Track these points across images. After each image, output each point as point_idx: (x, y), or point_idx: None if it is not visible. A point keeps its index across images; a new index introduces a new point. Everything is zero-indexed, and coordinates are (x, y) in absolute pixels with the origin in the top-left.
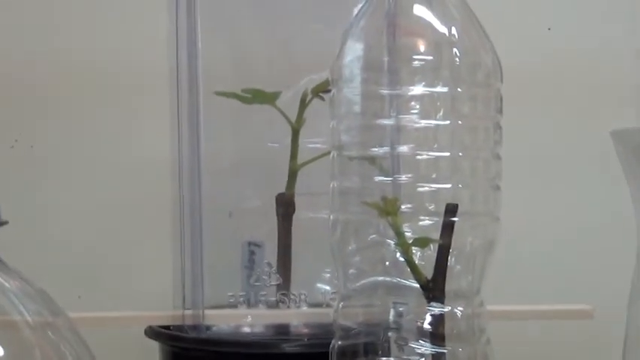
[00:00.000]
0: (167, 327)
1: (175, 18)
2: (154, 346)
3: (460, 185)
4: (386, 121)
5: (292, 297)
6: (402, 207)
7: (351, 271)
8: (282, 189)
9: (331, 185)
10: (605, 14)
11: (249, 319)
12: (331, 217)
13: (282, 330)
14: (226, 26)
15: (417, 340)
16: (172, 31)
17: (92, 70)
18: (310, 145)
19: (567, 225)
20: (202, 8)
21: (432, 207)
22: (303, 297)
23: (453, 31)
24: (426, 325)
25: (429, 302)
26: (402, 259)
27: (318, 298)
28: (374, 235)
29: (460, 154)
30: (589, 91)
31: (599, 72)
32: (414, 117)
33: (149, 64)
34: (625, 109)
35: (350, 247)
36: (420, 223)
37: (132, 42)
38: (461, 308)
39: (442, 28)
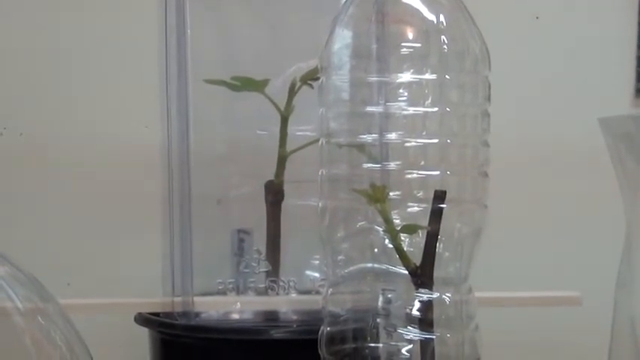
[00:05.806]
0: (157, 314)
1: (164, 6)
2: (144, 333)
3: (448, 172)
4: (374, 109)
5: (281, 284)
6: (391, 194)
7: (339, 257)
8: (271, 176)
9: (320, 172)
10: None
11: (239, 305)
12: (320, 204)
13: (272, 317)
14: (215, 14)
15: (406, 327)
16: (161, 19)
17: (82, 60)
18: (299, 133)
19: (556, 212)
20: None
21: (420, 194)
22: (292, 284)
23: (442, 18)
24: (415, 312)
25: (417, 289)
26: (390, 245)
27: (307, 285)
28: (363, 222)
29: (448, 141)
30: (577, 79)
31: (586, 60)
32: (403, 104)
33: (138, 54)
34: (613, 97)
35: (339, 234)
36: (409, 209)
37: (122, 32)
38: (449, 295)
39: (430, 16)
